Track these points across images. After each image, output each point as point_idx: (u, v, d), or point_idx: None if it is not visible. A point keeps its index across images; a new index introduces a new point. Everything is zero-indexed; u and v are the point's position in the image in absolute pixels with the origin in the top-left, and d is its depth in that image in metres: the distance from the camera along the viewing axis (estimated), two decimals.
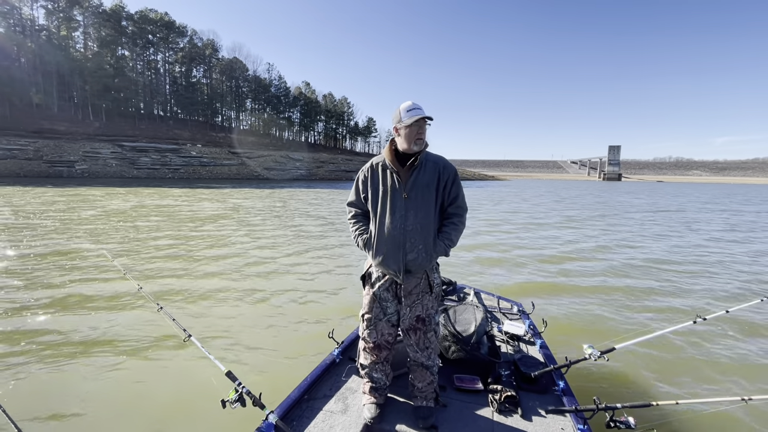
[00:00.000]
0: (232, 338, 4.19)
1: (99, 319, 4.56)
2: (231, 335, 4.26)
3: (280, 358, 3.79)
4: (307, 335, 4.32)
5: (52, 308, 4.87)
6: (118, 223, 11.85)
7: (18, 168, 39.94)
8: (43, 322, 4.47)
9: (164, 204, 18.33)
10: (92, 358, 3.66)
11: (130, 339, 4.08)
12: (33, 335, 4.11)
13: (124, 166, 47.29)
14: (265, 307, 5.14)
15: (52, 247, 8.20)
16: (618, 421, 1.78)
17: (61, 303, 5.05)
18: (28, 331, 4.22)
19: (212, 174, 52.59)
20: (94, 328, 4.32)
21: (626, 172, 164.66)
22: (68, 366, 3.54)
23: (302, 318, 4.82)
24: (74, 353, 3.75)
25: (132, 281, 2.64)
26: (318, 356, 2.78)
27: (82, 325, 4.39)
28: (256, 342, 4.13)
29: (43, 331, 4.21)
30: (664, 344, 4.20)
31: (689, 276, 7.45)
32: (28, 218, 12.24)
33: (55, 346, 3.89)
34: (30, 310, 4.80)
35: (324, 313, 5.01)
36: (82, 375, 3.39)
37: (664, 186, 77.76)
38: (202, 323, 4.55)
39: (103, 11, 61.36)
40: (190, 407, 2.97)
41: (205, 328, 4.42)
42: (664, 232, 13.86)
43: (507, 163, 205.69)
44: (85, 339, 4.05)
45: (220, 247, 8.83)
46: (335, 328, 2.77)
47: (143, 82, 66.47)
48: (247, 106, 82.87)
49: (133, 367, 3.55)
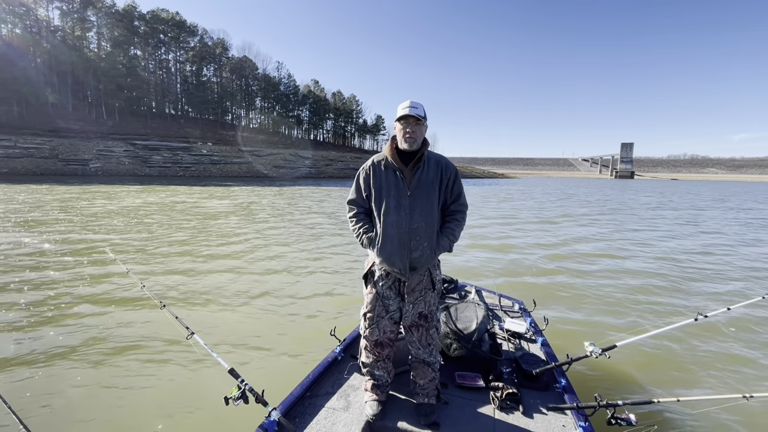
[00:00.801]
0: (235, 336, 4.20)
1: (101, 317, 4.58)
2: (233, 333, 4.28)
3: (283, 355, 3.81)
4: (309, 333, 4.34)
5: (53, 305, 4.90)
6: (124, 220, 12.04)
7: (35, 166, 40.89)
8: (42, 319, 4.48)
9: (171, 201, 18.61)
10: (94, 356, 3.68)
11: (132, 336, 4.10)
12: (33, 332, 4.13)
13: (137, 165, 48.09)
14: (267, 305, 5.16)
15: (56, 243, 8.34)
16: (619, 418, 1.78)
17: (62, 300, 5.08)
18: (28, 327, 4.23)
19: (222, 172, 53.15)
20: (96, 325, 4.34)
21: (639, 169, 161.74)
22: (69, 363, 3.55)
23: (304, 316, 4.84)
24: (75, 351, 3.77)
25: (134, 279, 2.66)
26: (320, 354, 2.77)
27: (84, 322, 4.41)
28: (259, 339, 4.15)
29: (43, 328, 4.23)
30: (665, 341, 4.20)
31: (691, 273, 7.44)
32: (38, 214, 12.51)
33: (56, 343, 3.91)
34: (29, 306, 4.83)
35: (326, 310, 5.03)
36: (84, 372, 3.40)
37: (678, 184, 76.25)
38: (204, 321, 4.57)
39: (115, 11, 62.41)
40: (193, 404, 2.99)
41: (208, 325, 4.44)
42: (668, 229, 13.78)
43: (517, 160, 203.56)
44: (86, 336, 4.07)
45: (223, 245, 8.88)
46: (337, 326, 2.79)
47: (155, 81, 67.49)
48: (257, 104, 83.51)
49: (136, 364, 3.57)
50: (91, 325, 4.34)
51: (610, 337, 2.57)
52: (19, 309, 4.76)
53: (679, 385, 3.47)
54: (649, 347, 4.06)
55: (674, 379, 3.57)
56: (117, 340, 4.01)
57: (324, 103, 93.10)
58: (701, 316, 2.44)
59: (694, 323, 2.42)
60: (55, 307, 4.87)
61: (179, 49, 71.02)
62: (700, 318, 2.43)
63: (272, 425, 1.80)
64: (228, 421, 2.73)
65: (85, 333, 4.15)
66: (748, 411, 2.98)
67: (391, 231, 2.04)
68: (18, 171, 38.71)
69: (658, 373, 3.64)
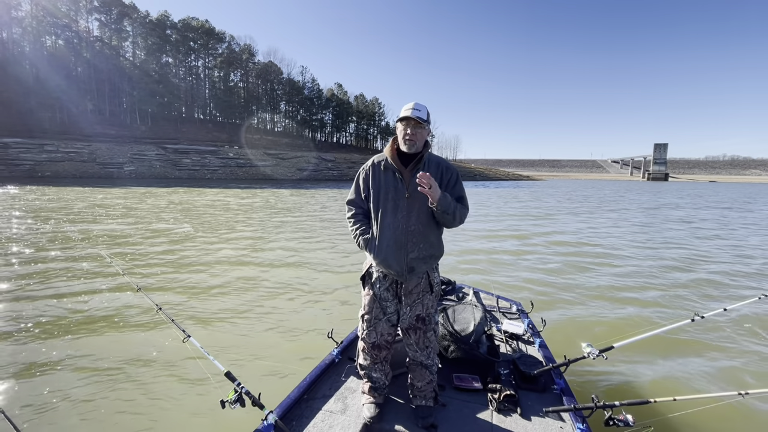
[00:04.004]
0: (232, 338, 4.19)
1: (96, 321, 4.55)
2: (230, 335, 4.27)
3: (280, 358, 3.79)
4: (306, 335, 4.33)
5: (49, 307, 4.89)
6: (121, 221, 12.39)
7: (74, 169, 43.28)
8: (39, 321, 4.47)
9: (185, 200, 19.22)
10: (89, 359, 3.65)
11: (128, 340, 4.07)
12: (27, 334, 4.12)
13: (167, 167, 50.05)
14: (264, 307, 5.14)
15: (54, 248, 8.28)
16: (617, 419, 1.77)
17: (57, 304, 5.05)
18: (22, 329, 4.24)
19: (248, 174, 54.55)
20: (92, 330, 4.31)
21: (674, 171, 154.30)
22: (64, 366, 3.52)
23: (301, 318, 4.82)
24: (71, 354, 3.74)
25: (130, 281, 2.68)
26: (317, 356, 2.78)
27: (81, 326, 4.37)
28: (256, 342, 4.14)
29: (37, 331, 4.20)
30: (662, 342, 4.20)
31: (687, 274, 7.40)
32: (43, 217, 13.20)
33: (51, 345, 3.90)
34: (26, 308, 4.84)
35: (323, 313, 5.02)
36: (79, 375, 3.38)
37: (717, 186, 72.30)
38: (201, 324, 4.56)
39: (149, 21, 65.28)
40: (190, 407, 2.97)
41: (204, 328, 4.43)
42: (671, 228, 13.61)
43: (542, 162, 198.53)
44: (82, 340, 4.05)
45: (221, 248, 8.83)
46: (334, 328, 2.78)
47: (185, 87, 70.05)
48: (281, 108, 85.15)
49: (132, 367, 3.55)
50: (85, 329, 4.31)
51: (607, 339, 2.54)
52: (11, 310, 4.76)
53: (676, 384, 3.51)
54: (646, 348, 4.07)
55: (671, 379, 3.60)
56: (112, 344, 3.98)
57: (347, 106, 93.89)
58: (698, 317, 2.44)
59: (691, 323, 2.43)
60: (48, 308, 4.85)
61: (208, 55, 73.42)
62: (697, 318, 2.43)
63: (269, 429, 1.80)
64: (225, 425, 2.73)
65: (78, 337, 4.12)
66: (744, 407, 3.06)
67: (387, 233, 2.03)
68: (60, 174, 41.05)
69: (655, 374, 3.67)
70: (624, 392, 3.30)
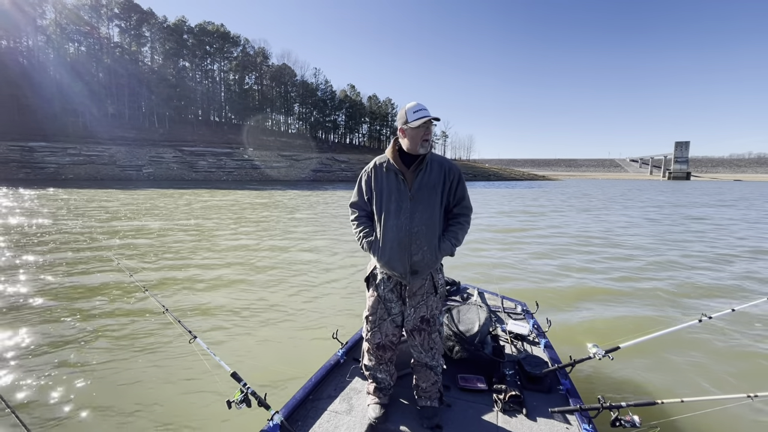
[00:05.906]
0: (238, 339, 4.21)
1: (103, 321, 4.58)
2: (236, 336, 4.29)
3: (285, 359, 3.81)
4: (311, 336, 4.34)
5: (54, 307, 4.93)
6: (132, 223, 12.62)
7: (95, 172, 44.66)
8: (43, 321, 4.50)
9: (198, 202, 19.54)
10: (96, 360, 3.68)
11: (135, 340, 4.11)
12: (33, 334, 4.16)
13: (184, 169, 51.19)
14: (269, 309, 5.17)
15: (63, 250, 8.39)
16: (623, 420, 1.75)
17: (64, 304, 5.09)
18: (27, 328, 4.28)
19: (263, 176, 55.37)
20: (98, 330, 4.33)
21: (696, 170, 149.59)
22: (72, 366, 3.55)
23: (307, 319, 4.84)
24: (78, 354, 3.77)
25: (137, 283, 2.70)
26: (322, 357, 2.76)
27: (87, 326, 4.40)
28: (261, 343, 4.16)
29: (43, 330, 4.24)
30: (669, 343, 4.14)
31: (695, 274, 7.28)
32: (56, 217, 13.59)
33: (57, 345, 3.93)
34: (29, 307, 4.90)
35: (328, 314, 5.03)
36: (86, 375, 3.40)
37: (742, 186, 69.86)
38: (207, 324, 4.58)
39: (167, 26, 66.96)
40: (196, 408, 3.00)
41: (211, 329, 4.46)
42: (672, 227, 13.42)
43: (558, 161, 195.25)
44: (88, 340, 4.08)
45: (228, 249, 8.87)
46: (339, 329, 2.79)
47: (201, 90, 71.60)
48: (295, 110, 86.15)
49: (139, 367, 3.58)
50: (91, 329, 4.34)
51: (613, 339, 2.50)
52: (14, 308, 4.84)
53: (683, 386, 3.47)
54: (653, 348, 4.01)
55: (678, 380, 3.55)
56: (118, 344, 4.02)
57: (360, 107, 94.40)
58: (705, 317, 2.39)
59: (698, 324, 2.38)
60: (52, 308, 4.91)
61: (223, 59, 74.92)
62: (705, 319, 2.39)
63: (275, 429, 1.81)
64: (231, 425, 2.76)
65: (85, 337, 4.16)
66: (753, 410, 3.00)
67: (391, 234, 2.02)
68: (81, 176, 42.42)
69: (662, 375, 3.62)
70: (630, 393, 3.27)
